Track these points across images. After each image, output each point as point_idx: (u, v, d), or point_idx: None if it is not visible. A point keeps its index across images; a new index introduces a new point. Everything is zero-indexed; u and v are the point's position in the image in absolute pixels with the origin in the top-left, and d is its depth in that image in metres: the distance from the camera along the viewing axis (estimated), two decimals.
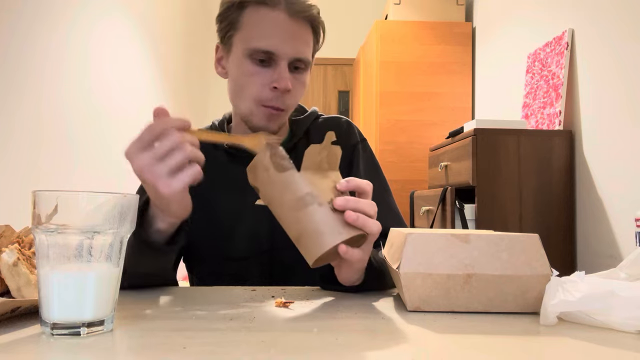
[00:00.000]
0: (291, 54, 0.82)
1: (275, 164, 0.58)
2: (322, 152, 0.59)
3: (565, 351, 0.45)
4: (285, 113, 0.87)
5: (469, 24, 3.21)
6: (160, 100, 3.17)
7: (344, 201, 0.58)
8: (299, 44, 0.83)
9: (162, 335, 0.48)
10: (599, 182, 1.87)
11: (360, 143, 0.99)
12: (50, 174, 1.87)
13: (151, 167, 0.59)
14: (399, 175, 3.03)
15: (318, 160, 0.59)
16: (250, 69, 0.83)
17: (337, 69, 4.65)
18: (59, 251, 0.46)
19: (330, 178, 0.60)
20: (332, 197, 0.58)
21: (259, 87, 0.83)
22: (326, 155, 0.59)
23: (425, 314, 0.58)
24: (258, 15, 0.82)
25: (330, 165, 0.61)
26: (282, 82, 0.81)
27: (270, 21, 0.81)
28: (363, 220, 0.58)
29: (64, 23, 1.99)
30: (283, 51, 0.81)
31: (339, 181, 0.61)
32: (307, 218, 0.57)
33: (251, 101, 0.85)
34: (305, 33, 0.84)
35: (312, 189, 0.57)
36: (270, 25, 0.81)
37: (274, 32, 0.81)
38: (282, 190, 0.58)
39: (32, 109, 1.78)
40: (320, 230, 0.56)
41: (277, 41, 0.81)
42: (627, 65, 1.74)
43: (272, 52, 0.81)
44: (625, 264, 0.59)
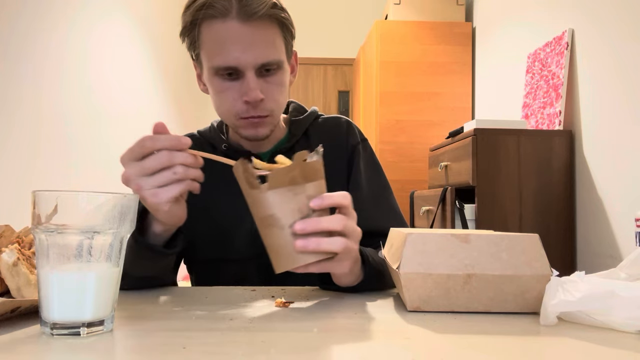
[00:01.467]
0: (254, 62, 0.78)
1: (246, 180, 0.58)
2: (292, 172, 0.57)
3: (565, 351, 0.45)
4: (271, 117, 0.84)
5: (469, 24, 3.21)
6: (160, 100, 3.17)
7: (304, 225, 0.56)
8: (261, 49, 0.78)
9: (162, 335, 0.48)
10: (599, 182, 1.87)
11: (361, 143, 0.98)
12: (50, 174, 1.87)
13: (137, 179, 0.60)
14: (399, 175, 3.03)
15: (288, 179, 0.57)
16: (220, 85, 0.81)
17: (337, 69, 4.65)
18: (59, 251, 0.46)
19: (306, 193, 0.58)
20: (298, 217, 0.57)
21: (231, 102, 0.81)
22: (299, 172, 0.57)
23: (425, 314, 0.58)
24: (212, 30, 0.77)
25: (307, 179, 0.58)
26: (251, 94, 0.78)
27: (224, 34, 0.76)
28: (315, 246, 0.56)
29: (64, 23, 1.99)
30: (245, 62, 0.77)
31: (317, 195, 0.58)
32: (269, 238, 0.58)
33: (230, 116, 0.83)
34: (266, 33, 0.79)
35: (275, 212, 0.57)
36: (225, 39, 0.76)
37: (230, 46, 0.76)
38: (252, 204, 0.59)
39: (32, 109, 1.78)
40: (280, 253, 0.58)
41: (236, 54, 0.77)
42: (627, 65, 1.74)
43: (234, 67, 0.78)
44: (625, 264, 0.58)
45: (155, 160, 0.60)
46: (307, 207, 0.58)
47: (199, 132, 0.98)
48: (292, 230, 0.57)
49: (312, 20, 4.35)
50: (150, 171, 0.60)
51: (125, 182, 0.61)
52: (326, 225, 0.57)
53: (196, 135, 0.98)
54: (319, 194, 0.59)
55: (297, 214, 0.57)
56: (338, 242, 0.58)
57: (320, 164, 0.60)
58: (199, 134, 0.97)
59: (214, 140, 0.94)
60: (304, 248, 0.56)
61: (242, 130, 0.85)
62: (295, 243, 0.56)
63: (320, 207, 0.58)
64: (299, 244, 0.56)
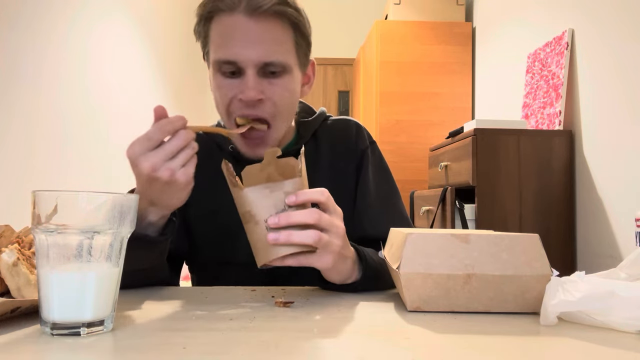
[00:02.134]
0: (256, 59, 0.74)
1: (228, 179, 0.61)
2: (266, 169, 0.59)
3: (565, 351, 0.45)
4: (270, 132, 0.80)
5: (469, 24, 3.21)
6: (160, 101, 3.17)
7: (276, 220, 0.58)
8: (265, 46, 0.74)
9: (162, 335, 0.48)
10: (599, 182, 1.87)
11: (370, 146, 0.96)
12: (49, 174, 1.87)
13: (166, 164, 0.62)
14: (399, 175, 3.01)
15: (264, 176, 0.59)
16: (221, 82, 0.78)
17: (337, 69, 4.65)
18: (59, 251, 0.46)
19: (283, 190, 0.60)
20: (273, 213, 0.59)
21: (227, 101, 0.78)
22: (274, 169, 0.59)
23: (425, 314, 0.58)
24: (220, 24, 0.75)
25: (285, 175, 0.60)
26: (247, 93, 0.74)
27: (229, 27, 0.74)
28: (286, 238, 0.57)
29: (64, 23, 1.99)
30: (246, 57, 0.74)
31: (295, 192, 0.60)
32: (248, 234, 0.61)
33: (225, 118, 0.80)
34: (274, 32, 0.75)
35: (251, 207, 0.59)
36: (229, 32, 0.74)
37: (233, 39, 0.74)
38: (235, 202, 0.62)
39: (31, 109, 1.78)
40: (256, 247, 0.61)
41: (237, 48, 0.74)
42: (627, 65, 1.74)
43: (234, 62, 0.75)
44: (625, 264, 0.58)
45: (177, 140, 0.62)
46: (284, 203, 0.60)
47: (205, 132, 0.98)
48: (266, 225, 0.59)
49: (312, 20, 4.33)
50: (174, 151, 0.62)
51: (151, 171, 0.61)
52: (298, 218, 0.58)
53: (202, 135, 0.97)
54: (296, 190, 0.60)
55: (272, 210, 0.59)
56: (310, 234, 0.58)
57: (296, 162, 0.61)
58: (205, 134, 0.97)
59: (220, 141, 0.93)
60: (275, 241, 0.58)
61: (240, 146, 0.84)
62: (268, 236, 0.58)
63: (296, 204, 0.59)
64: (270, 237, 0.58)
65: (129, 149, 0.63)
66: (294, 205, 0.59)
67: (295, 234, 0.58)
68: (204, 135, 0.96)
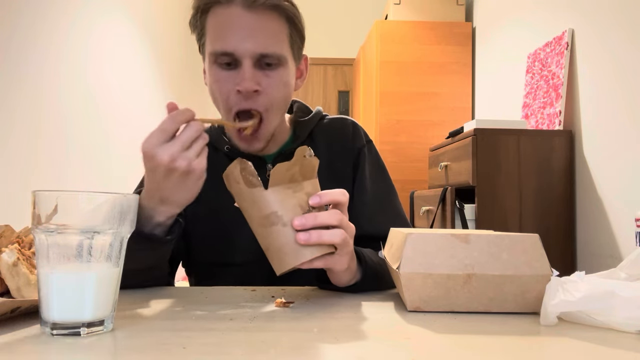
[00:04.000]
0: (252, 50, 0.75)
1: (244, 179, 0.59)
2: (292, 169, 0.58)
3: (565, 351, 0.45)
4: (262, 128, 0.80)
5: (469, 24, 3.21)
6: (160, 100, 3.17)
7: (303, 220, 0.57)
8: (262, 38, 0.75)
9: (162, 335, 0.48)
10: (599, 182, 1.87)
11: (366, 145, 0.96)
12: (50, 174, 1.87)
13: (183, 154, 0.62)
14: (399, 175, 3.03)
15: (288, 176, 0.58)
16: (217, 74, 0.78)
17: (337, 69, 4.65)
18: (59, 251, 0.46)
19: (304, 191, 0.59)
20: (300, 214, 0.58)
21: (226, 93, 0.78)
22: (298, 169, 0.58)
23: (425, 314, 0.58)
24: (217, 16, 0.77)
25: (305, 176, 0.59)
26: (244, 84, 0.75)
27: (226, 20, 0.75)
28: (317, 238, 0.57)
29: (64, 22, 1.99)
30: (243, 48, 0.75)
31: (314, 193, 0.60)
32: (272, 237, 0.59)
33: (224, 112, 0.81)
34: (270, 25, 0.76)
35: (277, 208, 0.58)
36: (226, 24, 0.75)
37: (230, 31, 0.75)
38: (250, 205, 0.59)
39: (32, 109, 1.78)
40: (284, 251, 0.58)
41: (234, 40, 0.75)
42: (627, 65, 1.74)
43: (231, 53, 0.75)
44: (625, 264, 0.58)
45: (191, 131, 0.63)
46: (307, 203, 0.59)
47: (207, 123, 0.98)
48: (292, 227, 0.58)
49: (312, 20, 4.33)
50: (189, 142, 0.63)
51: (171, 162, 0.62)
52: (324, 219, 0.58)
53: None
54: (315, 190, 0.61)
55: (298, 210, 0.58)
56: (338, 234, 0.59)
57: (317, 162, 0.61)
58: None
59: (216, 142, 0.92)
60: (307, 241, 0.57)
61: (234, 140, 0.85)
62: (297, 236, 0.57)
63: (319, 205, 0.59)
64: (301, 237, 0.57)
65: (145, 143, 0.63)
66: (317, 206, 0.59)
67: (325, 234, 0.58)
68: None
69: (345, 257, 0.64)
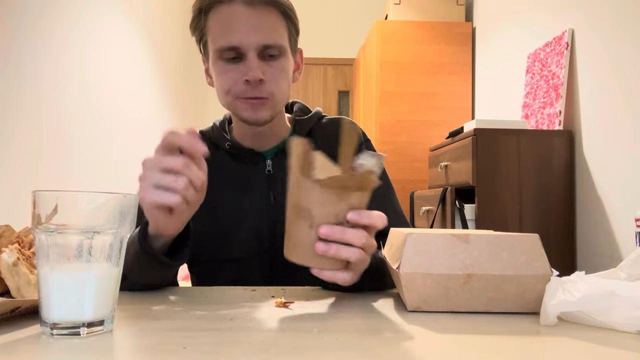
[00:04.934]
0: (256, 43, 0.81)
1: (300, 164, 0.56)
2: (349, 181, 0.56)
3: (565, 351, 0.45)
4: (271, 101, 0.85)
5: (469, 24, 3.21)
6: (160, 100, 3.17)
7: (330, 231, 0.56)
8: (264, 31, 0.81)
9: (162, 335, 0.48)
10: (599, 182, 1.87)
11: (364, 144, 0.98)
12: (51, 174, 1.87)
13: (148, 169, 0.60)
14: (399, 175, 3.03)
15: (341, 184, 0.56)
16: (224, 68, 0.83)
17: (337, 69, 4.65)
18: (59, 251, 0.46)
19: (348, 202, 0.57)
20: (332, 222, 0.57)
21: (232, 83, 0.83)
22: (355, 183, 0.56)
23: (425, 314, 0.58)
24: (219, 15, 0.82)
25: (357, 189, 0.57)
26: (251, 73, 0.80)
27: (229, 17, 0.81)
28: (335, 252, 0.56)
29: (65, 23, 1.99)
30: (247, 42, 0.80)
31: (358, 206, 0.58)
32: (297, 228, 0.58)
33: (230, 97, 0.85)
34: (269, 19, 0.82)
35: (313, 209, 0.56)
36: (229, 21, 0.81)
37: (234, 26, 0.80)
38: (294, 187, 0.58)
39: (33, 109, 1.78)
40: (299, 245, 0.58)
41: (238, 34, 0.80)
42: (627, 65, 1.74)
43: (236, 47, 0.81)
44: (625, 264, 0.58)
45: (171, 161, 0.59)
46: (344, 214, 0.57)
47: (201, 131, 0.98)
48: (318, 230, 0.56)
49: (312, 20, 4.35)
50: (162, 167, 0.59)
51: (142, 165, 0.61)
52: (350, 238, 0.57)
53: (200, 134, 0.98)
54: (360, 204, 0.58)
55: (332, 219, 0.57)
56: (356, 253, 0.58)
57: (377, 182, 0.58)
58: (201, 134, 0.98)
59: (217, 140, 0.95)
60: (325, 253, 0.56)
61: (242, 112, 0.86)
62: (317, 246, 0.56)
63: (357, 223, 0.58)
64: (320, 248, 0.56)
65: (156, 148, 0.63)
66: (355, 222, 0.57)
67: (343, 250, 0.57)
68: (201, 134, 0.97)
69: (355, 275, 0.63)
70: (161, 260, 0.67)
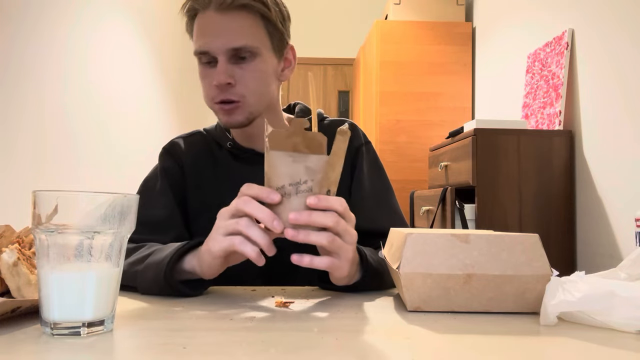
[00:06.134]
0: (223, 47, 0.82)
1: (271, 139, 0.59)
2: (292, 138, 0.58)
3: (565, 351, 0.45)
4: (242, 104, 0.85)
5: (469, 24, 3.21)
6: (160, 100, 3.17)
7: (297, 215, 0.58)
8: (231, 35, 0.83)
9: (162, 335, 0.48)
10: (599, 182, 1.87)
11: (364, 145, 0.99)
12: (52, 174, 1.87)
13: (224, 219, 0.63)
14: (399, 175, 3.03)
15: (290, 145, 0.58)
16: (202, 73, 0.86)
17: (337, 69, 4.65)
18: (59, 251, 0.46)
19: (305, 163, 0.59)
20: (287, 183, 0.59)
21: (207, 88, 0.86)
22: (301, 140, 0.58)
23: (425, 314, 0.58)
24: (198, 21, 0.85)
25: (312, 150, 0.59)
26: (217, 77, 0.82)
27: (202, 23, 0.84)
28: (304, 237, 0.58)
29: (66, 24, 1.99)
30: (215, 47, 0.82)
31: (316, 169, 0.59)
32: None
33: (208, 102, 0.87)
34: (238, 22, 0.83)
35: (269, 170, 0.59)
36: (202, 27, 0.84)
37: (205, 32, 0.83)
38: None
39: (35, 110, 1.78)
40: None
41: (207, 39, 0.83)
42: (627, 65, 1.74)
43: (206, 51, 0.83)
44: (625, 264, 0.58)
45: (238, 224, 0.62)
46: (302, 176, 0.59)
47: (205, 129, 0.99)
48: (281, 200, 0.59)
49: (312, 20, 4.35)
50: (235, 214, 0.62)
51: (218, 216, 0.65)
52: (318, 219, 0.59)
53: (202, 133, 0.98)
54: (318, 167, 0.59)
55: (287, 180, 0.59)
56: (325, 236, 0.59)
57: (324, 138, 0.59)
58: (205, 132, 0.99)
59: (219, 139, 0.95)
60: (294, 238, 0.58)
61: (219, 116, 0.88)
62: (286, 232, 0.58)
63: (316, 207, 0.59)
64: (289, 234, 0.58)
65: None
66: (314, 207, 0.58)
67: (312, 235, 0.59)
68: (204, 133, 0.98)
69: (345, 264, 0.63)
70: (183, 293, 0.68)
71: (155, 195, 0.91)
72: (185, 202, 0.93)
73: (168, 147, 0.97)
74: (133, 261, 0.72)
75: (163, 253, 0.70)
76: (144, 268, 0.70)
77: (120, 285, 0.51)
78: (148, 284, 0.69)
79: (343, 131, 0.60)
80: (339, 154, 0.60)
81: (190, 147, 0.96)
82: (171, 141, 0.98)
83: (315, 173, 0.59)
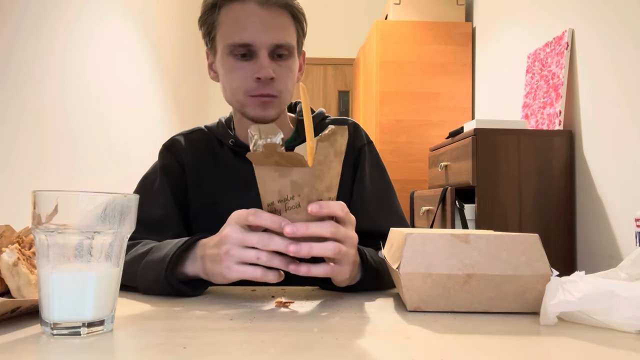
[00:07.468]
0: (268, 42, 0.82)
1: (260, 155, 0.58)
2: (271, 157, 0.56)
3: (565, 351, 0.45)
4: (278, 99, 0.86)
5: (469, 24, 3.21)
6: (160, 100, 3.17)
7: (293, 229, 0.57)
8: (276, 31, 0.83)
9: (162, 335, 0.48)
10: (599, 182, 1.87)
11: (367, 145, 0.99)
12: (52, 174, 1.87)
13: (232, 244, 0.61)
14: (399, 175, 3.03)
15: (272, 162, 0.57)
16: (234, 64, 0.85)
17: (337, 69, 4.65)
18: (59, 251, 0.46)
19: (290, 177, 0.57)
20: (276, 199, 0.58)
21: (243, 80, 0.84)
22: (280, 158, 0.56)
23: (425, 314, 0.58)
24: (232, 12, 0.84)
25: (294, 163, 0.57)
26: (263, 71, 0.82)
27: (243, 15, 0.83)
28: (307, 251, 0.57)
29: (65, 24, 1.99)
30: (260, 41, 0.82)
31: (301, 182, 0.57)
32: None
33: (240, 94, 0.86)
34: (281, 19, 0.84)
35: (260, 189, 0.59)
36: (243, 19, 0.83)
37: (247, 24, 0.82)
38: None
39: (35, 109, 1.78)
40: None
41: (251, 32, 0.82)
42: (627, 65, 1.74)
43: (249, 44, 0.82)
44: (625, 264, 0.58)
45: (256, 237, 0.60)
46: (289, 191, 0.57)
47: (207, 127, 0.99)
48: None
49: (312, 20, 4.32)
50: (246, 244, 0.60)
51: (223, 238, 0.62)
52: (316, 230, 0.58)
53: (204, 130, 0.98)
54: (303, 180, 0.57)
55: (275, 196, 0.58)
56: (330, 247, 0.58)
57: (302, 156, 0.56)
58: (207, 129, 0.98)
59: (221, 136, 0.95)
60: (297, 253, 0.57)
61: (251, 109, 0.87)
62: (289, 248, 0.57)
63: (318, 214, 0.58)
64: (292, 249, 0.57)
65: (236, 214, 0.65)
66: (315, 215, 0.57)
67: (315, 246, 0.58)
68: (205, 130, 0.98)
69: (347, 268, 0.63)
70: (184, 293, 0.68)
71: (153, 193, 0.90)
72: (185, 200, 0.92)
73: (168, 144, 0.97)
74: (129, 260, 0.72)
75: (162, 252, 0.69)
76: (143, 267, 0.70)
77: (120, 285, 0.51)
78: (148, 284, 0.69)
79: (325, 136, 0.57)
80: (325, 162, 0.58)
81: (191, 144, 0.96)
82: (171, 138, 0.98)
83: (302, 187, 0.57)
